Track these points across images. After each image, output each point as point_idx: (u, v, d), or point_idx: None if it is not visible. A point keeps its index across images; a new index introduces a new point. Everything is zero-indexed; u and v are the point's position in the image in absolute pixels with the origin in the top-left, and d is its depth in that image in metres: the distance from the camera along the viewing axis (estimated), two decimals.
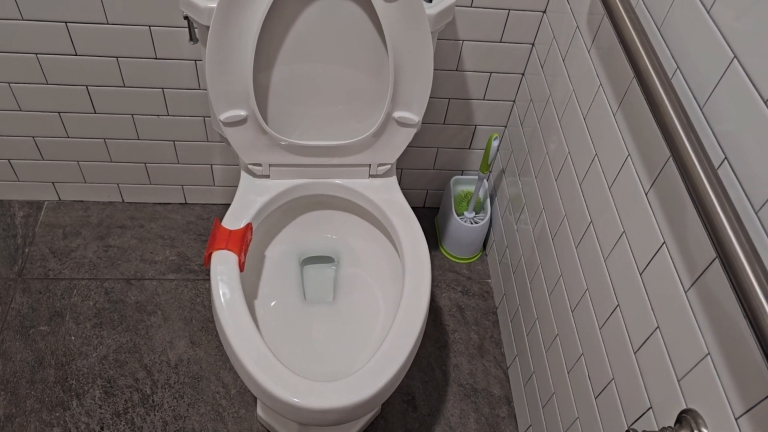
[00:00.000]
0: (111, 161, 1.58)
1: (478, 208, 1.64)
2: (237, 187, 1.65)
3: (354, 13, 1.01)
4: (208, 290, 1.56)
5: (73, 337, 1.46)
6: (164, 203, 1.72)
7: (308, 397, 0.93)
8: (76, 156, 1.56)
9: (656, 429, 0.82)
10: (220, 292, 1.05)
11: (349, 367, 1.15)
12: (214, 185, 1.67)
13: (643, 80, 0.78)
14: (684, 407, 0.79)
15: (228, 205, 1.73)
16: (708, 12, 0.76)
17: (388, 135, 1.18)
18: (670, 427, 0.77)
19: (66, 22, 1.27)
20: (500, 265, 1.59)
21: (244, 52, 1.02)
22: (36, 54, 1.32)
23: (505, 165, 1.56)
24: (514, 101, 1.49)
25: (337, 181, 1.24)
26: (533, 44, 1.37)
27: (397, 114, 1.14)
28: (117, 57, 1.34)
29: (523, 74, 1.43)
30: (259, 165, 1.20)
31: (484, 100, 1.48)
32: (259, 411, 1.36)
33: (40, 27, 1.27)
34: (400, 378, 1.01)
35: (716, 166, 0.73)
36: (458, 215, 1.61)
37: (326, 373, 1.12)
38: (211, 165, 1.61)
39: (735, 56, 0.71)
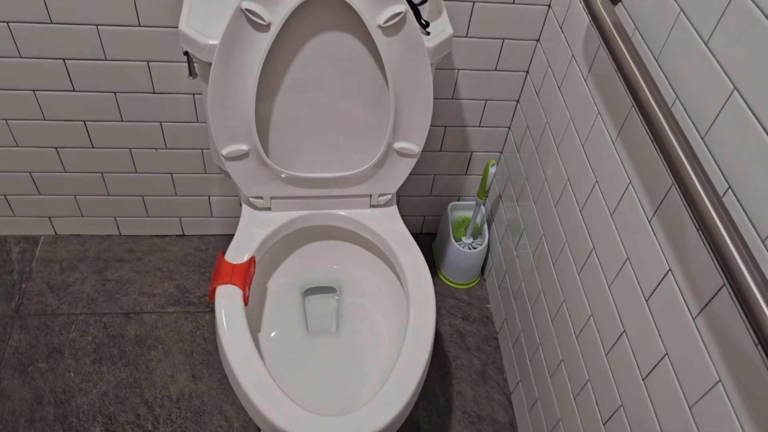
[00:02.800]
0: (108, 195, 1.57)
1: (476, 234, 1.65)
2: (235, 217, 1.66)
3: (354, 47, 1.02)
4: (209, 323, 1.55)
5: (72, 374, 1.44)
6: (162, 235, 1.71)
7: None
8: (73, 190, 1.55)
9: None
10: (225, 327, 1.05)
11: (356, 399, 1.15)
12: (212, 216, 1.67)
13: (644, 111, 0.79)
14: None
15: (226, 236, 1.73)
16: (706, 44, 0.78)
17: (388, 165, 1.18)
18: None
19: (64, 59, 1.27)
20: (500, 290, 1.59)
21: (246, 87, 1.03)
22: (34, 91, 1.32)
23: (502, 190, 1.57)
24: (509, 128, 1.51)
25: (339, 211, 1.24)
26: (527, 72, 1.39)
27: (397, 145, 1.15)
28: (115, 92, 1.34)
29: (518, 101, 1.45)
30: (261, 198, 1.20)
31: (479, 127, 1.49)
32: None
33: (39, 64, 1.27)
34: (409, 409, 1.01)
35: (720, 195, 0.74)
36: (456, 241, 1.62)
37: (333, 405, 1.11)
38: (209, 197, 1.61)
39: (735, 88, 0.72)
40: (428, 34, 1.09)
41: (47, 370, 1.44)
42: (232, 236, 1.72)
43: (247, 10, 0.94)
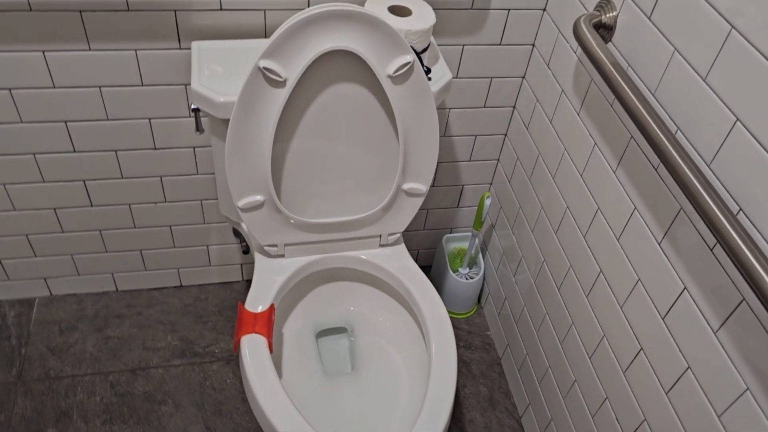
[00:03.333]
0: (106, 252, 1.56)
1: (471, 264, 1.70)
2: (232, 265, 1.67)
3: (364, 96, 1.07)
4: (216, 372, 1.55)
5: None
6: (160, 288, 1.70)
7: None
8: (70, 250, 1.54)
9: None
10: (256, 377, 1.06)
11: None
12: (210, 265, 1.67)
13: (651, 141, 0.85)
14: None
15: (224, 284, 1.73)
16: (704, 79, 0.85)
17: (397, 206, 1.23)
18: None
19: (66, 122, 1.28)
20: (499, 316, 1.64)
21: (263, 140, 1.06)
22: (33, 154, 1.32)
23: (494, 220, 1.63)
24: (498, 160, 1.57)
25: (350, 253, 1.28)
26: (514, 107, 1.46)
27: (406, 186, 1.20)
28: (116, 150, 1.35)
29: (506, 135, 1.51)
30: (275, 246, 1.23)
31: (470, 161, 1.56)
32: None
33: (40, 128, 1.28)
34: None
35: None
36: (453, 272, 1.66)
37: None
38: (208, 246, 1.62)
39: (738, 119, 0.79)
40: (430, 79, 1.15)
41: None
42: (230, 284, 1.73)
43: (265, 68, 0.98)
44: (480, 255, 1.69)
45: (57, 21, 1.12)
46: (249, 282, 1.75)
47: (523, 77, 1.40)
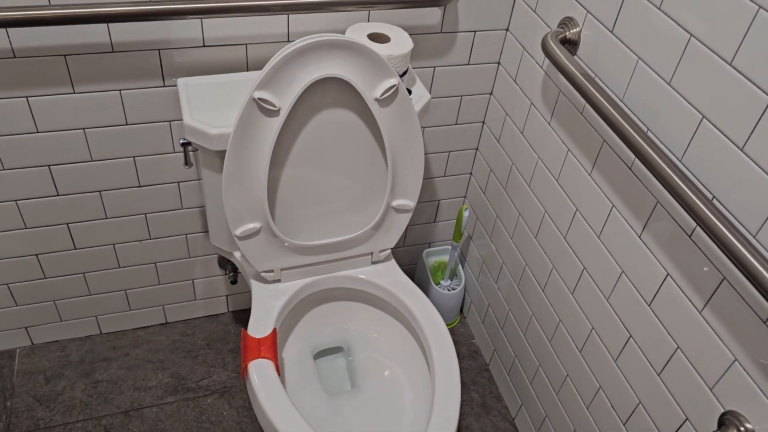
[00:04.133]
0: (89, 294, 1.55)
1: (452, 275, 1.76)
2: (218, 297, 1.68)
3: (352, 120, 1.12)
4: (211, 406, 1.54)
5: None
6: (145, 327, 1.69)
7: None
8: (52, 296, 1.52)
9: None
10: (268, 401, 1.08)
11: None
12: (196, 299, 1.67)
13: (627, 140, 0.94)
14: (722, 411, 0.92)
15: (210, 317, 1.73)
16: (669, 83, 0.94)
17: (387, 223, 1.28)
18: (716, 430, 0.90)
19: (49, 166, 1.28)
20: (484, 324, 1.70)
21: (258, 168, 1.10)
22: (16, 201, 1.32)
23: (471, 232, 1.70)
24: (471, 173, 1.64)
25: (344, 273, 1.31)
26: (483, 122, 1.54)
27: (395, 203, 1.25)
28: (100, 191, 1.36)
29: (477, 149, 1.59)
30: (272, 271, 1.25)
31: (445, 176, 1.62)
32: None
33: (22, 174, 1.27)
34: None
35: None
36: (435, 285, 1.72)
37: None
38: (193, 280, 1.62)
39: (704, 116, 0.88)
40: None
41: None
42: (216, 317, 1.74)
43: (260, 99, 1.02)
44: (459, 266, 1.76)
45: (41, 66, 1.14)
46: (235, 313, 1.75)
47: (491, 93, 1.48)
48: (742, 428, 0.87)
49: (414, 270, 1.84)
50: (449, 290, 1.72)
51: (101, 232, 1.43)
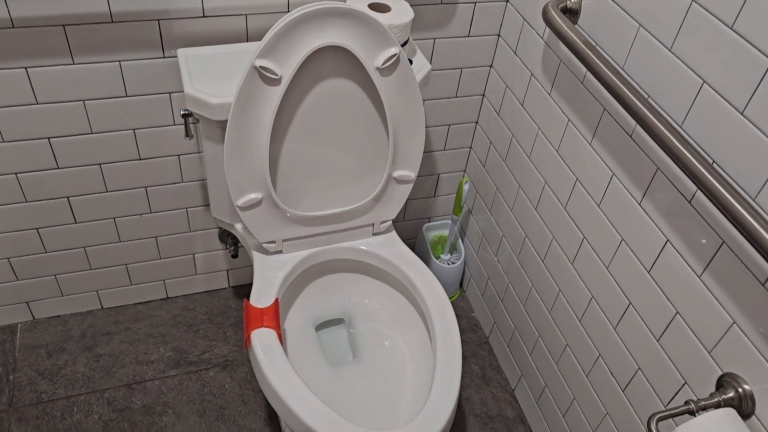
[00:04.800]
0: (90, 269, 1.56)
1: (452, 249, 1.77)
2: (218, 271, 1.69)
3: (354, 90, 1.12)
4: (213, 379, 1.56)
5: None
6: (146, 302, 1.70)
7: None
8: (53, 270, 1.52)
9: (697, 398, 0.96)
10: (271, 368, 1.09)
11: (395, 416, 1.21)
12: (196, 274, 1.68)
13: (627, 107, 0.94)
14: (721, 373, 0.93)
15: (211, 292, 1.74)
16: (670, 50, 0.94)
17: (389, 194, 1.28)
18: (714, 392, 0.91)
19: (49, 138, 1.28)
20: (483, 297, 1.71)
21: (260, 138, 1.10)
22: (16, 174, 1.31)
23: (471, 206, 1.70)
24: (470, 147, 1.65)
25: (345, 244, 1.32)
26: (484, 95, 1.54)
27: (396, 173, 1.25)
28: (100, 164, 1.35)
29: (476, 122, 1.59)
30: (273, 242, 1.26)
31: (444, 150, 1.63)
32: None
33: (22, 146, 1.27)
34: (455, 410, 1.09)
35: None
36: (435, 259, 1.73)
37: (379, 427, 1.17)
38: (194, 254, 1.63)
39: (704, 81, 0.89)
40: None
41: None
42: (217, 291, 1.75)
43: (261, 67, 1.02)
44: (459, 240, 1.76)
45: (40, 36, 1.13)
46: (236, 288, 1.76)
47: (491, 66, 1.48)
48: (740, 389, 0.89)
49: (414, 244, 1.85)
50: (449, 264, 1.73)
51: (102, 205, 1.43)
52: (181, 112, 1.18)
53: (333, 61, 1.07)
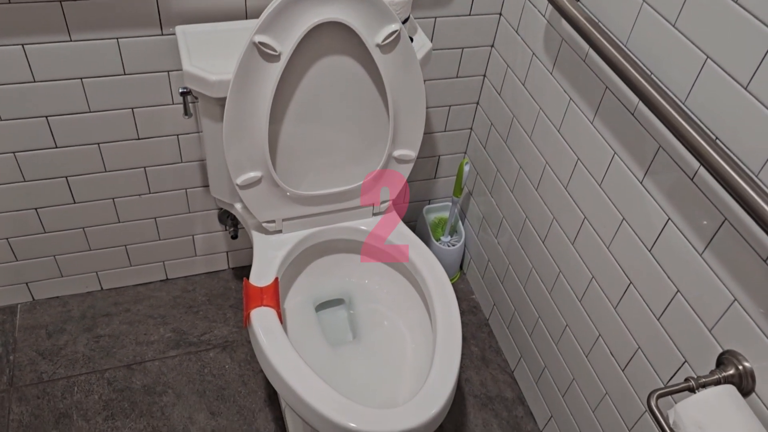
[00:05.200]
0: (90, 250, 1.55)
1: (452, 232, 1.76)
2: (218, 253, 1.69)
3: (354, 67, 1.11)
4: (213, 360, 1.56)
5: None
6: (145, 283, 1.70)
7: (391, 424, 0.99)
8: (53, 251, 1.52)
9: (697, 376, 0.96)
10: (270, 346, 1.09)
11: (395, 396, 1.21)
12: (196, 256, 1.68)
13: (631, 84, 0.93)
14: (721, 351, 0.93)
15: (211, 274, 1.74)
16: (674, 25, 0.93)
17: (389, 173, 1.27)
18: (714, 370, 0.91)
19: (47, 117, 1.27)
20: (483, 279, 1.71)
21: (259, 115, 1.09)
22: (14, 153, 1.31)
23: (471, 188, 1.70)
24: (471, 128, 1.64)
25: (346, 224, 1.31)
26: (485, 75, 1.52)
27: (396, 153, 1.24)
28: (99, 143, 1.35)
29: (477, 103, 1.58)
30: (273, 222, 1.25)
31: (445, 131, 1.62)
32: None
33: (19, 125, 1.26)
34: (456, 387, 1.09)
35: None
36: (436, 241, 1.72)
37: (380, 405, 1.17)
38: (193, 236, 1.62)
39: (708, 56, 0.88)
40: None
41: None
42: (216, 273, 1.75)
43: (260, 43, 1.01)
44: (459, 222, 1.76)
45: (37, 12, 1.12)
46: (235, 270, 1.76)
47: (492, 46, 1.47)
48: (740, 366, 0.89)
49: (414, 227, 1.84)
50: (449, 246, 1.73)
51: (100, 185, 1.42)
52: (180, 90, 1.17)
53: (333, 38, 1.06)
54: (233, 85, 1.05)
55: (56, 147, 1.32)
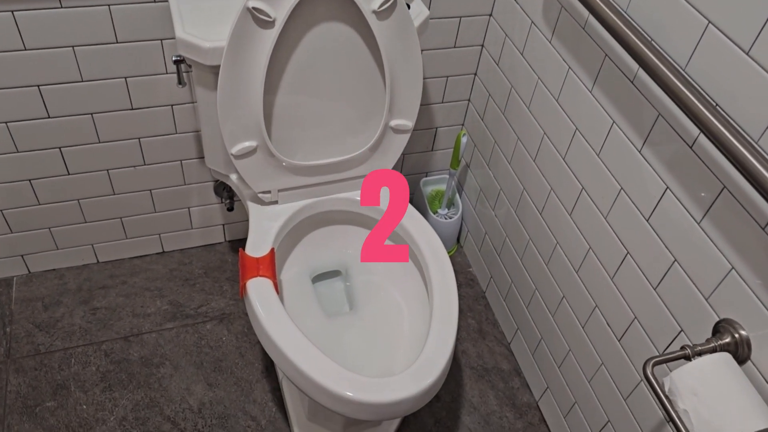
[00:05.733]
0: (85, 222, 1.54)
1: (449, 204, 1.75)
2: (215, 226, 1.68)
3: (350, 35, 1.09)
4: (210, 332, 1.56)
5: (84, 406, 1.41)
6: (142, 256, 1.69)
7: (387, 393, 0.99)
8: (48, 223, 1.51)
9: (693, 344, 0.96)
10: (267, 316, 1.09)
11: (391, 366, 1.21)
12: (192, 228, 1.67)
13: (631, 50, 0.92)
14: (717, 319, 0.93)
15: (207, 247, 1.73)
16: None
17: (385, 144, 1.26)
18: (710, 338, 0.91)
19: (39, 86, 1.25)
20: (481, 252, 1.71)
21: (254, 84, 1.07)
22: (6, 123, 1.29)
23: (469, 160, 1.68)
24: (469, 100, 1.62)
25: (342, 195, 1.31)
26: (483, 45, 1.50)
27: (393, 122, 1.23)
28: (92, 113, 1.33)
29: (475, 74, 1.56)
30: (268, 192, 1.24)
31: (443, 102, 1.60)
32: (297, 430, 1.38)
33: (11, 94, 1.25)
34: (452, 356, 1.09)
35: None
36: (433, 213, 1.72)
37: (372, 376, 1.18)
38: (189, 208, 1.61)
39: (709, 21, 0.86)
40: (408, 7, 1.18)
41: (57, 407, 1.40)
42: (213, 246, 1.74)
43: (254, 8, 0.99)
44: (457, 195, 1.75)
45: None
46: (232, 243, 1.75)
47: (490, 15, 1.44)
48: (736, 335, 0.89)
49: (411, 199, 1.83)
50: (446, 219, 1.72)
51: (94, 156, 1.41)
52: (173, 58, 1.16)
53: (328, 4, 1.04)
54: (227, 53, 1.03)
55: (49, 117, 1.31)
